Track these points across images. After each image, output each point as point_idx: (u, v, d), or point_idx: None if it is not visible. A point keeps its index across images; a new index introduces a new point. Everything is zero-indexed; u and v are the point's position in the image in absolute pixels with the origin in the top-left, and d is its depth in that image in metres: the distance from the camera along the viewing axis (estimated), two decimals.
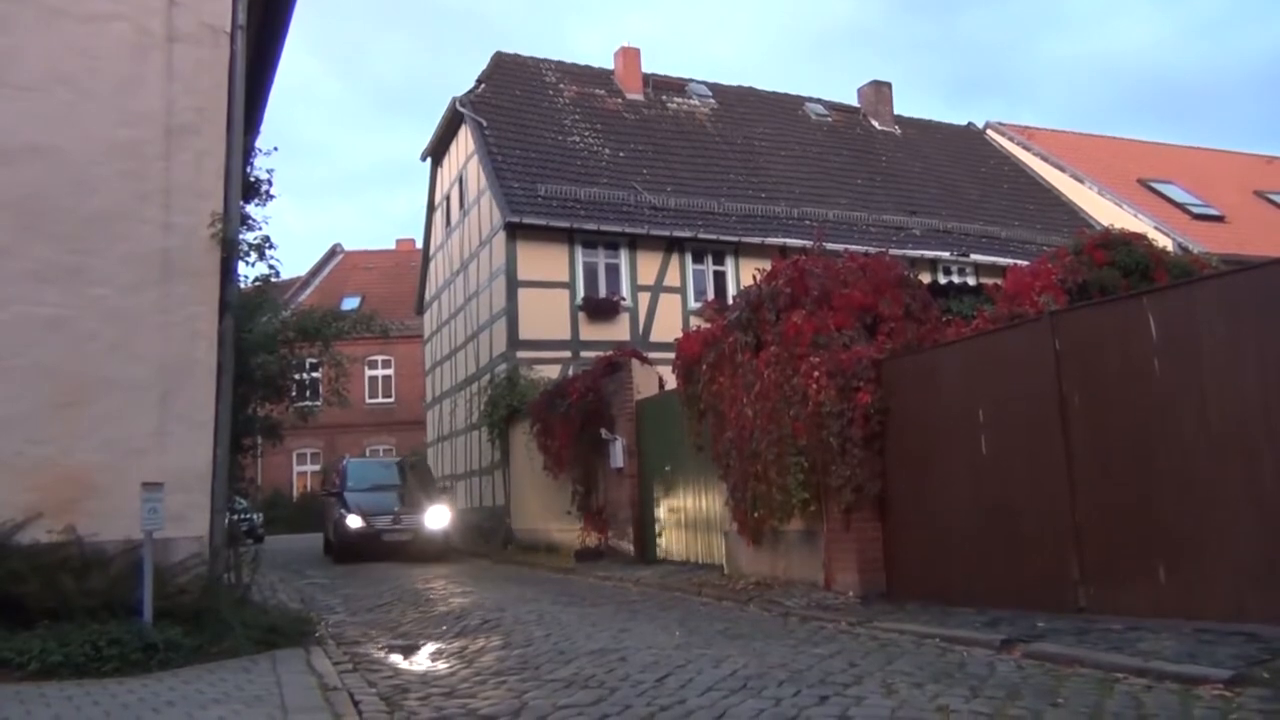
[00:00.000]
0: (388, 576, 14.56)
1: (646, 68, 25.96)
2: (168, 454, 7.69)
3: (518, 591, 11.33)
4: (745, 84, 28.15)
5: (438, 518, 18.44)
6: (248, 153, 10.40)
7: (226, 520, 8.43)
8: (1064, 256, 9.71)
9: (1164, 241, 18.02)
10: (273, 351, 12.03)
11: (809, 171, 24.92)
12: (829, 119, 28.03)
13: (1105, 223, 20.85)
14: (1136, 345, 6.73)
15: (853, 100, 29.47)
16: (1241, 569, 6.05)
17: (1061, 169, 28.70)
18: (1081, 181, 27.93)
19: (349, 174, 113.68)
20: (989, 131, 31.26)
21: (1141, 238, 10.27)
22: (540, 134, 22.33)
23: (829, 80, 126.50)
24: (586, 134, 23.08)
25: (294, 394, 13.38)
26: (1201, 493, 6.29)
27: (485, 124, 21.78)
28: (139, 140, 8.11)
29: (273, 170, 11.61)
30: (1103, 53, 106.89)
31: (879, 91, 29.26)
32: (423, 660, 7.08)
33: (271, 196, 11.10)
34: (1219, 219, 26.30)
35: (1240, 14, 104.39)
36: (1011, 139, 30.66)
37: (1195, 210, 26.47)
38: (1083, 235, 10.77)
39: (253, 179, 10.85)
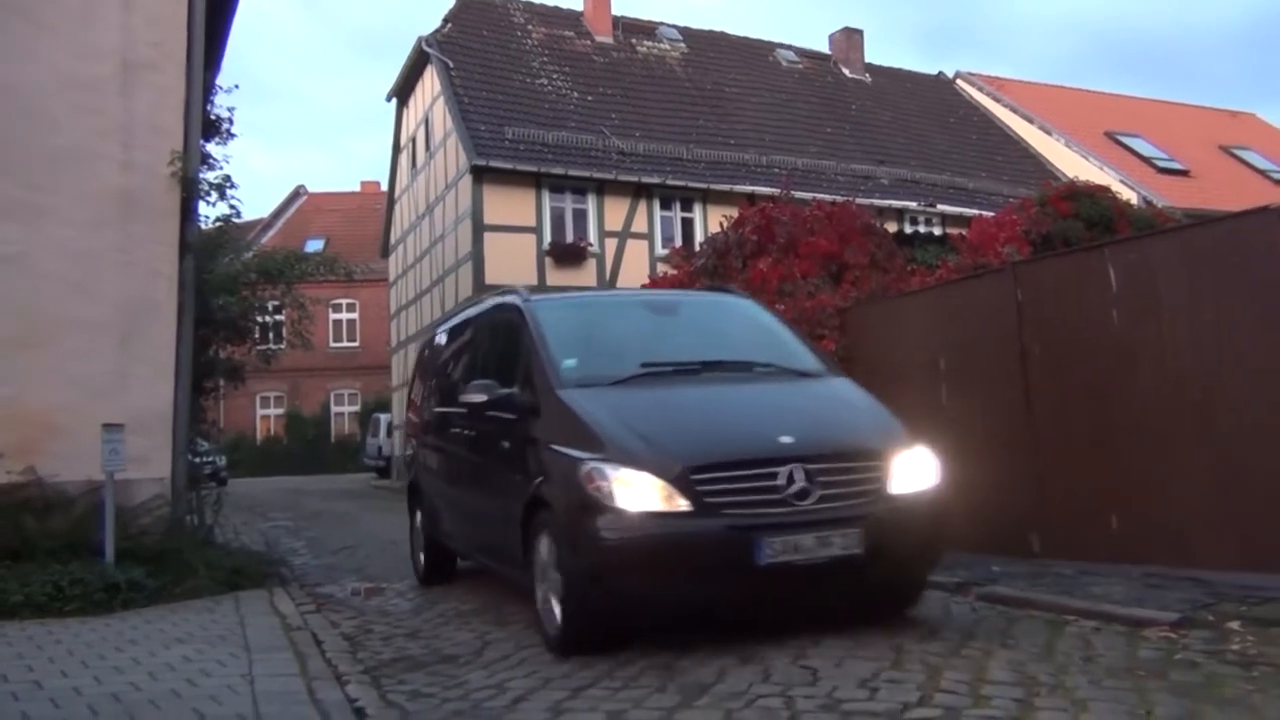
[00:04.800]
0: (348, 516, 14.55)
1: (616, 10, 25.59)
2: (129, 395, 7.62)
3: None
4: (716, 28, 27.88)
5: (913, 471, 5.06)
6: (208, 90, 10.22)
7: (189, 462, 8.41)
8: (1029, 208, 9.81)
9: (1129, 195, 18.19)
10: (234, 293, 11.93)
11: (778, 119, 24.79)
12: (800, 66, 27.85)
13: (1072, 175, 21.02)
14: (1096, 296, 6.81)
15: (824, 47, 29.26)
16: (1192, 516, 6.19)
17: (1030, 121, 28.74)
18: (1049, 134, 28.00)
19: (315, 115, 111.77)
20: (959, 82, 31.19)
21: (1106, 190, 10.39)
22: (508, 76, 22.03)
23: (800, 26, 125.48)
24: (555, 76, 22.80)
25: (256, 336, 13.29)
26: (1155, 442, 6.41)
27: (452, 65, 21.46)
28: (97, 76, 7.93)
29: (234, 109, 11.45)
30: (1074, 4, 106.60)
31: (850, 39, 29.06)
32: (387, 602, 7.12)
33: (233, 135, 10.97)
34: (1184, 173, 26.49)
35: None
36: (981, 89, 30.62)
37: (1161, 164, 26.64)
38: (1048, 187, 10.86)
39: (213, 117, 10.67)
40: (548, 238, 20.11)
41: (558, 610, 4.92)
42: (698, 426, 5.08)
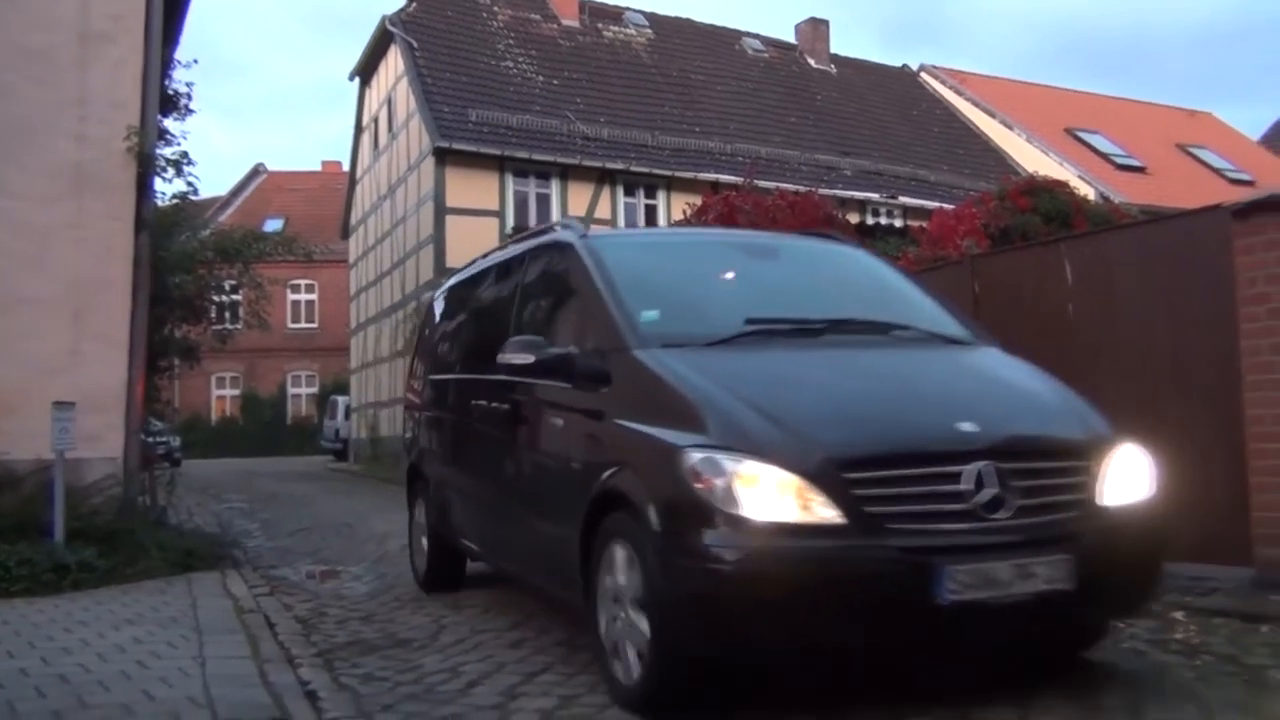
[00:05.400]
0: (305, 499, 14.48)
1: None
2: (81, 373, 7.50)
3: None
4: (683, 15, 27.84)
5: (1127, 477, 3.77)
6: (167, 65, 10.04)
7: (142, 442, 8.30)
8: (988, 201, 9.90)
9: (1087, 190, 18.38)
10: (190, 271, 11.75)
11: (744, 107, 24.82)
12: (765, 55, 27.89)
13: (1032, 169, 21.24)
14: (1052, 290, 6.89)
15: (790, 37, 29.33)
16: None
17: (992, 115, 28.98)
18: (1010, 128, 28.26)
19: (276, 93, 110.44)
20: (923, 74, 31.38)
21: (1064, 185, 10.51)
22: (472, 57, 21.88)
23: (767, 15, 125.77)
24: (520, 59, 22.67)
25: (212, 316, 13.12)
26: None
27: (416, 45, 21.27)
28: (52, 47, 7.78)
29: (192, 84, 11.24)
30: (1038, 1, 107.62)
31: (816, 29, 29.14)
32: (342, 585, 7.09)
33: (191, 111, 10.76)
34: (1141, 170, 26.85)
35: None
36: (944, 83, 30.83)
37: (1119, 161, 26.98)
38: (1008, 181, 10.98)
39: (171, 92, 10.48)
40: (510, 221, 20.01)
41: (636, 652, 3.65)
42: (841, 405, 3.70)
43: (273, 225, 32.22)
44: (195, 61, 14.85)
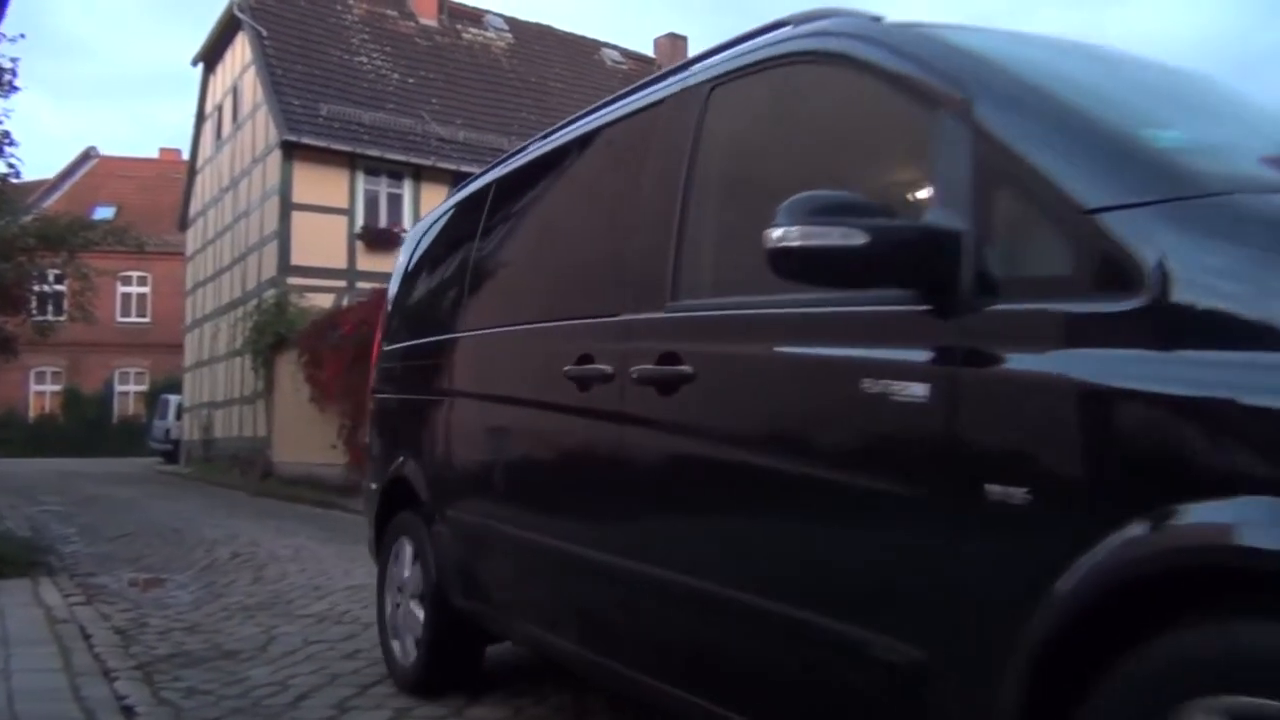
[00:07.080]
0: (129, 502, 13.82)
1: None
2: None
3: (275, 525, 10.99)
4: (544, 21, 27.90)
5: None
6: None
7: None
8: None
9: None
10: (9, 258, 11.12)
11: None
12: (624, 67, 28.13)
13: None
14: None
15: (649, 51, 29.67)
16: None
17: None
18: None
19: (114, 74, 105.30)
20: None
21: None
22: (325, 50, 21.36)
23: (627, 28, 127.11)
24: (375, 56, 22.24)
25: (33, 306, 12.44)
26: None
27: (265, 34, 20.62)
28: None
29: (17, 59, 10.67)
30: None
31: (674, 45, 29.55)
32: (166, 594, 6.76)
33: (15, 88, 10.23)
34: None
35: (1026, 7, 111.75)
36: None
37: None
38: None
39: None
40: (360, 221, 19.60)
41: None
42: None
43: (103, 213, 30.73)
44: (22, 36, 14.05)
